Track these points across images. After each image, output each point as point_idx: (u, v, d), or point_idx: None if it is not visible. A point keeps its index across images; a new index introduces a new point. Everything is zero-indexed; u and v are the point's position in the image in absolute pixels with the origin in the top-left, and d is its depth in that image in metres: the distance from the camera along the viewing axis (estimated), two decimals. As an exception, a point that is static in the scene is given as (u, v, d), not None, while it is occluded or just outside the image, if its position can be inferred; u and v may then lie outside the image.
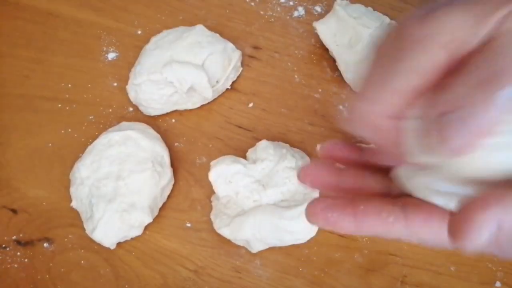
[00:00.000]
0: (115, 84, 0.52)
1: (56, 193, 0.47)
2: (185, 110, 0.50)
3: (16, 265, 0.45)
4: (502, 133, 0.19)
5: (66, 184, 0.46)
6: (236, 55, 0.50)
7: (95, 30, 0.55)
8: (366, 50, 0.47)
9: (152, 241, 0.45)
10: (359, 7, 0.50)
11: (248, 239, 0.42)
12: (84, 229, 0.44)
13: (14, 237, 0.46)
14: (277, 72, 0.51)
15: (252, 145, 0.46)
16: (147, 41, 0.51)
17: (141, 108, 0.50)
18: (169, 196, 0.46)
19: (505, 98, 0.18)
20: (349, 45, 0.48)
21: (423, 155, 0.20)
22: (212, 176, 0.43)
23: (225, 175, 0.43)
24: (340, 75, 0.50)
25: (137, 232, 0.44)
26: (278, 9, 0.54)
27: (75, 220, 0.46)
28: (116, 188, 0.44)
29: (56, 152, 0.49)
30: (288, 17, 0.54)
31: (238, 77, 0.51)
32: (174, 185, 0.47)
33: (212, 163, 0.44)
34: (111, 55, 0.54)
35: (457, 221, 0.18)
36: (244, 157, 0.45)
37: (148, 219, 0.44)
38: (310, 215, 0.23)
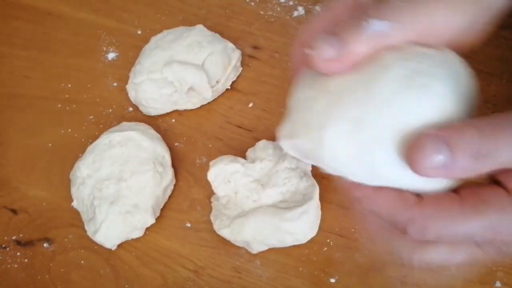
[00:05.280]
0: (115, 84, 0.52)
1: (56, 193, 0.47)
2: (185, 110, 0.50)
3: (16, 265, 0.45)
4: None
5: (66, 184, 0.46)
6: (236, 55, 0.50)
7: (95, 30, 0.55)
8: None
9: (152, 241, 0.45)
10: None
11: (248, 240, 0.42)
12: (84, 229, 0.44)
13: (14, 237, 0.46)
14: (277, 72, 0.51)
15: (252, 145, 0.46)
16: (147, 41, 0.51)
17: (141, 108, 0.50)
18: (169, 196, 0.46)
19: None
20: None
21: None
22: (211, 175, 0.43)
23: (224, 175, 0.43)
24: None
25: (139, 233, 0.44)
26: (278, 9, 0.54)
27: (75, 220, 0.46)
28: (118, 189, 0.44)
29: (56, 152, 0.49)
30: (288, 17, 0.54)
31: (238, 77, 0.51)
32: (174, 185, 0.47)
33: (210, 163, 0.44)
34: (111, 55, 0.54)
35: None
36: (244, 157, 0.45)
37: (151, 220, 0.44)
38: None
